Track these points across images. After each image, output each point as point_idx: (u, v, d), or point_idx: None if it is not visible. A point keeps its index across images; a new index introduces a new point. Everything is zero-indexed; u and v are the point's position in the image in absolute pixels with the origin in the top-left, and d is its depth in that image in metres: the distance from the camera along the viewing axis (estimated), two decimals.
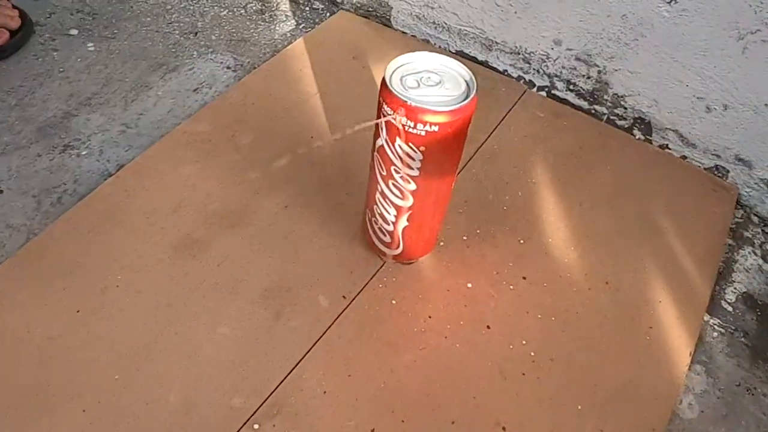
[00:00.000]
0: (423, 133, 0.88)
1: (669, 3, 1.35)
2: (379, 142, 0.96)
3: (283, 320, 1.08)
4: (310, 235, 1.21)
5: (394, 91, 0.88)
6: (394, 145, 0.93)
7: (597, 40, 1.47)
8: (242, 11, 1.77)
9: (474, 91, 0.91)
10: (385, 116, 0.90)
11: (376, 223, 1.10)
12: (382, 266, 1.17)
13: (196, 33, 1.68)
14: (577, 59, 1.53)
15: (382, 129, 0.93)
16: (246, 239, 1.19)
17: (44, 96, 1.47)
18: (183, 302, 1.09)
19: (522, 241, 1.25)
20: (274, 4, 1.81)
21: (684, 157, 1.50)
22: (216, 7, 1.78)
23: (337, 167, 1.34)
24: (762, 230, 1.42)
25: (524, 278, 1.19)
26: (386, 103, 0.90)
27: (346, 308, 1.11)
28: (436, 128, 0.88)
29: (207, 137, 1.37)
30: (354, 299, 1.12)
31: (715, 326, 1.19)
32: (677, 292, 1.20)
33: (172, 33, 1.67)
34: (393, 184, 0.99)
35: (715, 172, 1.48)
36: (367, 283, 1.15)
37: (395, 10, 1.73)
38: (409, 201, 1.01)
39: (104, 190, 1.25)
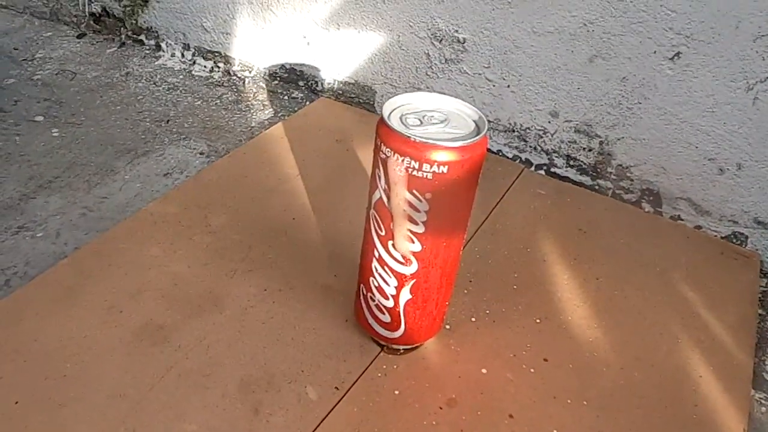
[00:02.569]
0: (430, 176, 0.74)
1: (672, 59, 1.19)
2: (376, 195, 0.81)
3: (263, 416, 0.85)
4: (294, 320, 1.00)
5: (394, 128, 0.75)
6: (394, 195, 0.78)
7: (597, 107, 1.30)
8: (217, 101, 1.62)
9: (485, 129, 0.78)
10: (382, 161, 0.78)
11: (373, 300, 0.91)
12: (379, 353, 0.96)
13: (167, 121, 1.53)
14: (577, 131, 1.35)
15: (379, 178, 0.79)
16: (219, 326, 0.99)
17: (1, 178, 1.30)
18: (141, 395, 0.87)
19: (538, 321, 1.06)
20: (251, 94, 1.66)
21: (698, 227, 1.32)
22: (189, 97, 1.63)
23: (321, 248, 1.16)
24: None
25: (545, 360, 1.00)
26: (385, 143, 0.76)
27: (339, 401, 0.89)
28: (445, 168, 0.74)
29: (176, 218, 1.19)
30: (349, 390, 0.90)
31: (762, 400, 1.03)
32: (717, 366, 1.03)
33: (143, 121, 1.53)
34: (393, 246, 0.83)
35: (734, 240, 1.29)
36: (363, 372, 0.93)
37: (379, 95, 1.57)
38: (413, 266, 0.84)
39: (58, 271, 1.06)
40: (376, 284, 0.88)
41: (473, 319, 1.04)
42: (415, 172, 0.74)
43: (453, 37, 1.39)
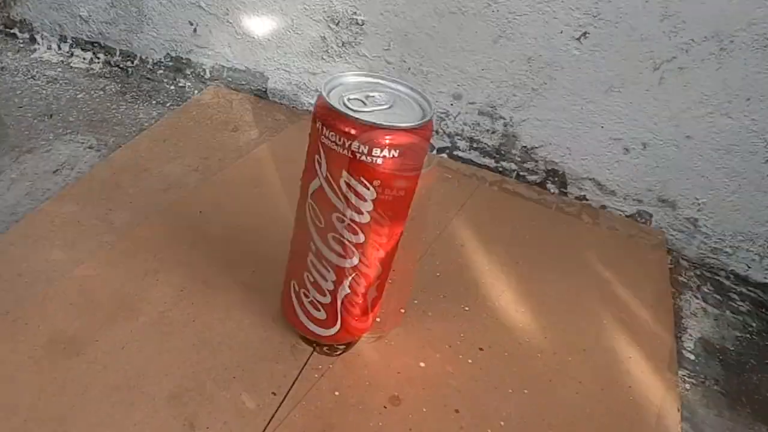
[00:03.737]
0: (380, 161, 0.67)
1: (579, 39, 1.15)
2: (315, 184, 0.73)
3: (200, 429, 0.74)
4: (217, 321, 0.89)
5: (339, 110, 0.67)
6: (338, 183, 0.70)
7: (501, 89, 1.25)
8: (100, 93, 1.46)
9: (432, 112, 0.72)
10: (324, 146, 0.70)
11: (307, 296, 0.81)
12: (312, 352, 0.86)
13: (51, 115, 1.36)
14: (481, 113, 1.29)
15: (319, 165, 0.71)
16: (137, 332, 0.85)
17: None
18: (60, 417, 0.73)
19: (467, 309, 0.99)
20: (135, 84, 1.50)
21: (604, 207, 1.28)
22: (71, 90, 1.46)
23: (233, 243, 1.04)
24: (695, 273, 1.23)
25: (481, 349, 0.93)
26: (329, 127, 0.68)
27: (279, 407, 0.78)
28: (396, 153, 0.67)
29: (75, 218, 1.04)
30: (287, 395, 0.80)
31: (685, 378, 1.01)
32: (643, 345, 1.00)
33: (25, 116, 1.35)
34: (334, 239, 0.75)
35: (638, 219, 1.27)
36: (299, 374, 0.83)
37: (272, 81, 1.45)
38: (354, 258, 0.76)
39: None
40: (312, 279, 0.78)
41: (402, 311, 0.95)
42: (363, 158, 0.66)
43: (351, 20, 1.30)
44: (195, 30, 1.44)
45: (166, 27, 1.47)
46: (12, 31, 1.61)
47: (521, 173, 1.32)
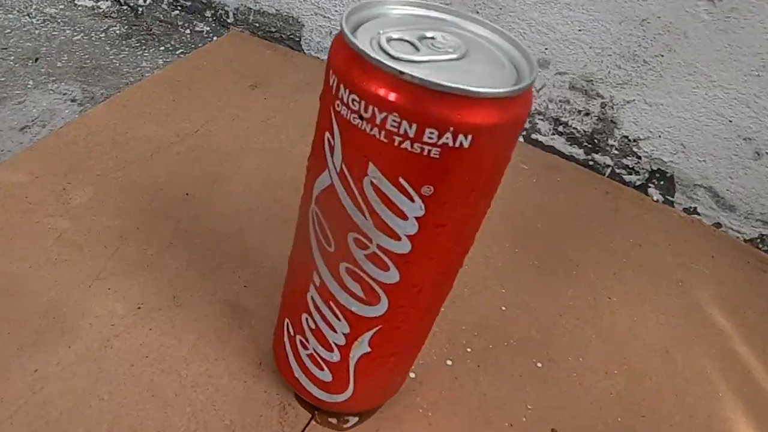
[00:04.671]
0: (437, 153, 0.38)
1: (712, 0, 0.82)
2: (323, 180, 0.44)
3: None
4: (180, 360, 0.61)
5: (367, 55, 0.37)
6: (360, 184, 0.41)
7: (602, 57, 0.93)
8: (101, 36, 1.18)
9: (534, 73, 0.40)
10: (339, 119, 0.41)
11: (306, 347, 0.53)
12: (311, 421, 0.58)
13: (36, 59, 1.09)
14: (573, 88, 0.97)
15: (331, 150, 0.42)
16: (64, 368, 0.59)
17: None
18: None
19: (540, 365, 0.70)
20: (144, 27, 1.21)
21: (718, 225, 0.96)
22: (68, 31, 1.19)
23: (226, 241, 0.75)
24: None
25: (553, 431, 0.63)
26: (348, 85, 0.39)
27: None
28: (467, 140, 0.37)
29: (23, 192, 0.77)
30: None
31: None
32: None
33: (6, 59, 1.10)
34: (349, 273, 0.46)
35: (759, 245, 0.94)
36: None
37: (308, 29, 1.15)
38: (381, 306, 0.47)
39: None
40: (313, 326, 0.50)
41: (449, 362, 0.66)
42: (408, 145, 0.37)
43: None
44: None
45: None
46: None
47: (617, 170, 1.00)
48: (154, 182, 0.81)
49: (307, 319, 0.50)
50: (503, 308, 0.74)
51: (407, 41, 0.40)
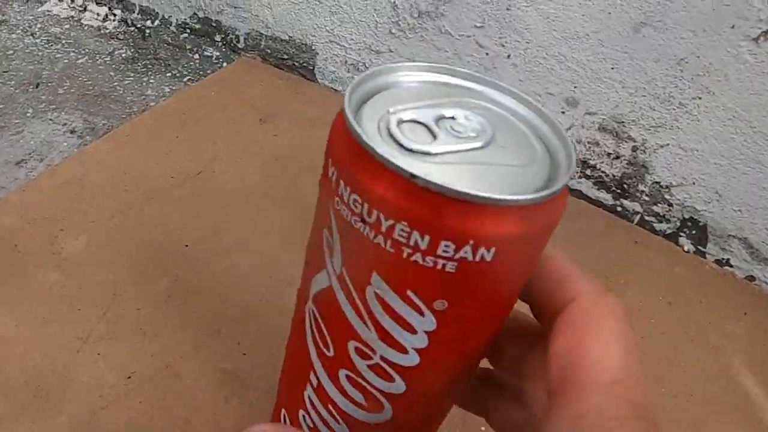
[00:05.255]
0: (453, 267, 0.30)
1: (756, 40, 0.76)
2: (321, 280, 0.37)
3: None
4: None
5: (372, 149, 0.30)
6: (362, 292, 0.34)
7: (636, 98, 0.86)
8: (106, 59, 1.12)
9: (572, 165, 0.33)
10: (339, 219, 0.33)
11: None
12: None
13: (37, 84, 1.04)
14: (602, 129, 0.90)
15: (330, 248, 0.35)
16: None
17: None
18: None
19: None
20: (151, 51, 1.15)
21: (751, 278, 0.89)
22: (72, 53, 1.14)
23: (228, 300, 0.68)
24: None
25: None
26: (349, 181, 0.31)
27: None
28: (490, 253, 0.30)
29: (13, 238, 0.72)
30: None
31: None
32: None
33: (6, 84, 1.05)
34: (349, 380, 0.39)
35: None
36: None
37: (321, 57, 1.08)
38: (385, 413, 0.40)
39: None
40: (311, 424, 0.43)
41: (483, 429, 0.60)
42: (419, 258, 0.30)
43: None
44: None
45: None
46: None
47: (647, 218, 0.93)
48: (151, 231, 0.75)
49: (304, 416, 0.43)
50: None
51: (422, 124, 0.33)
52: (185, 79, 1.10)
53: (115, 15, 1.22)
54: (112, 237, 0.73)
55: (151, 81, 1.08)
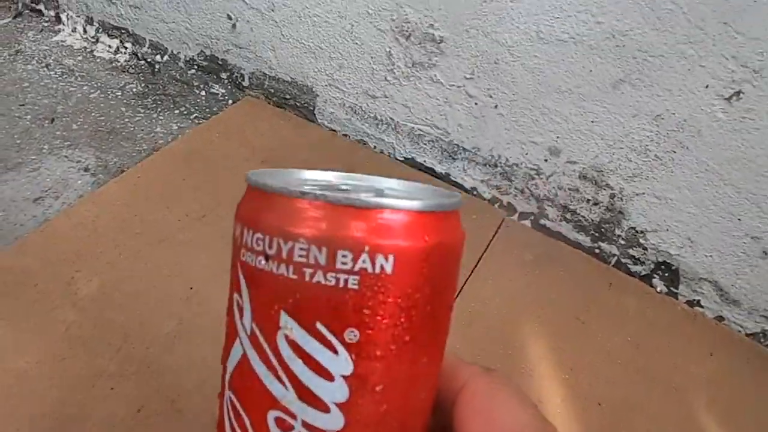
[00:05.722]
0: (356, 281, 0.31)
1: (729, 99, 0.81)
2: (235, 354, 0.34)
3: None
4: None
5: (275, 188, 0.32)
6: (273, 341, 0.32)
7: (614, 150, 0.91)
8: (118, 94, 1.17)
9: (456, 200, 0.34)
10: (246, 270, 0.33)
11: None
12: None
13: (52, 119, 1.08)
14: (582, 177, 0.95)
15: (240, 311, 0.34)
16: None
17: None
18: None
19: None
20: (160, 86, 1.20)
21: (720, 318, 0.94)
22: (85, 87, 1.18)
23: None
24: None
25: None
26: (252, 226, 0.33)
27: None
28: (389, 262, 0.31)
29: (33, 280, 0.77)
30: None
31: None
32: None
33: (23, 118, 1.09)
34: None
35: (762, 340, 0.92)
36: None
37: (321, 99, 1.13)
38: None
39: None
40: None
41: None
42: (321, 277, 0.31)
43: (426, 34, 0.97)
44: (234, 25, 1.13)
45: (200, 17, 1.16)
46: (38, 6, 1.34)
47: (623, 260, 0.98)
48: (159, 273, 0.80)
49: None
50: None
51: (324, 184, 0.38)
52: (192, 117, 1.15)
53: (126, 48, 1.27)
54: (123, 279, 0.78)
55: (160, 118, 1.13)
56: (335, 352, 0.31)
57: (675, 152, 0.88)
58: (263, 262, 0.31)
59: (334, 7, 1.03)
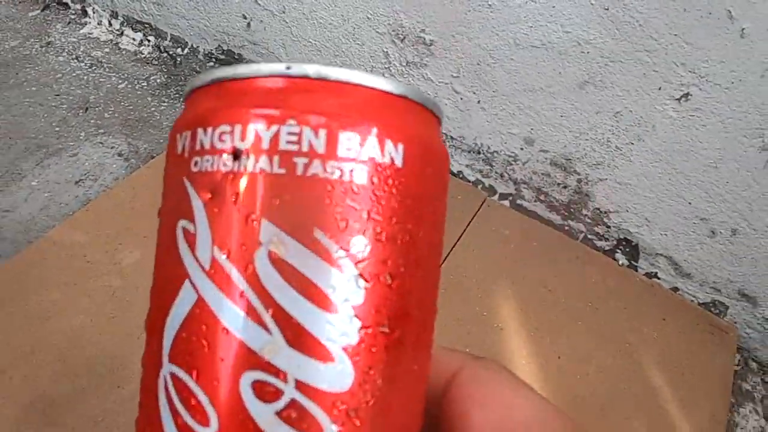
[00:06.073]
0: (364, 173, 0.24)
1: (678, 100, 0.93)
2: (184, 301, 0.24)
3: None
4: None
5: (243, 72, 0.25)
6: (256, 263, 0.23)
7: (580, 141, 1.04)
8: (143, 84, 1.29)
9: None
10: (205, 178, 0.25)
11: None
12: None
13: (86, 109, 1.21)
14: (553, 164, 1.09)
15: (195, 237, 0.24)
16: (119, 404, 0.73)
17: None
18: None
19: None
20: (182, 76, 1.33)
21: (675, 289, 1.08)
22: (114, 78, 1.30)
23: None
24: (762, 380, 1.03)
25: None
26: (218, 119, 0.25)
27: None
28: (399, 152, 0.25)
29: (82, 251, 0.90)
30: None
31: None
32: None
33: (59, 107, 1.21)
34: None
35: (712, 309, 1.06)
36: None
37: None
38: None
39: None
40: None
41: None
42: (318, 169, 0.24)
43: (418, 38, 1.10)
44: (248, 24, 1.26)
45: (218, 16, 1.29)
46: (64, 0, 1.44)
47: (589, 236, 1.11)
48: None
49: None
50: None
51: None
52: None
53: (149, 41, 1.39)
54: None
55: (182, 107, 1.24)
56: (339, 268, 0.24)
57: (633, 144, 1.00)
58: (231, 162, 0.24)
59: (338, 11, 1.15)
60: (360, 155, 0.24)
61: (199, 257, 0.24)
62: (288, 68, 0.24)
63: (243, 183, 0.24)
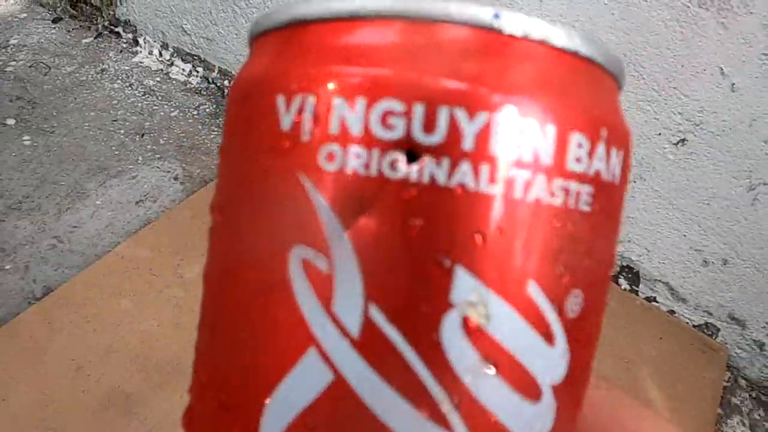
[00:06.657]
0: (589, 195, 0.18)
1: (676, 144, 1.05)
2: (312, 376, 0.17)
3: None
4: None
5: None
6: (438, 328, 0.16)
7: None
8: (194, 113, 1.41)
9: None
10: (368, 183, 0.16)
11: None
12: None
13: (143, 134, 1.32)
14: None
15: (332, 264, 0.16)
16: (186, 400, 0.82)
17: None
18: None
19: None
20: None
21: (672, 312, 1.19)
22: (166, 106, 1.42)
23: None
24: (750, 395, 1.13)
25: None
26: (381, 91, 0.16)
27: None
28: (619, 163, 0.19)
29: (147, 265, 1.02)
30: None
31: None
32: None
33: (117, 132, 1.32)
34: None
35: (705, 330, 1.17)
36: None
37: None
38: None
39: (27, 320, 0.91)
40: None
41: None
42: (542, 192, 0.16)
43: None
44: None
45: None
46: (116, 29, 1.58)
47: None
48: None
49: None
50: None
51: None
52: None
53: (197, 72, 1.51)
54: None
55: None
56: (553, 342, 0.18)
57: (635, 182, 1.12)
58: (402, 165, 0.16)
59: None
60: (589, 169, 0.17)
61: (341, 317, 0.16)
62: (496, 16, 0.16)
63: (425, 203, 0.16)
